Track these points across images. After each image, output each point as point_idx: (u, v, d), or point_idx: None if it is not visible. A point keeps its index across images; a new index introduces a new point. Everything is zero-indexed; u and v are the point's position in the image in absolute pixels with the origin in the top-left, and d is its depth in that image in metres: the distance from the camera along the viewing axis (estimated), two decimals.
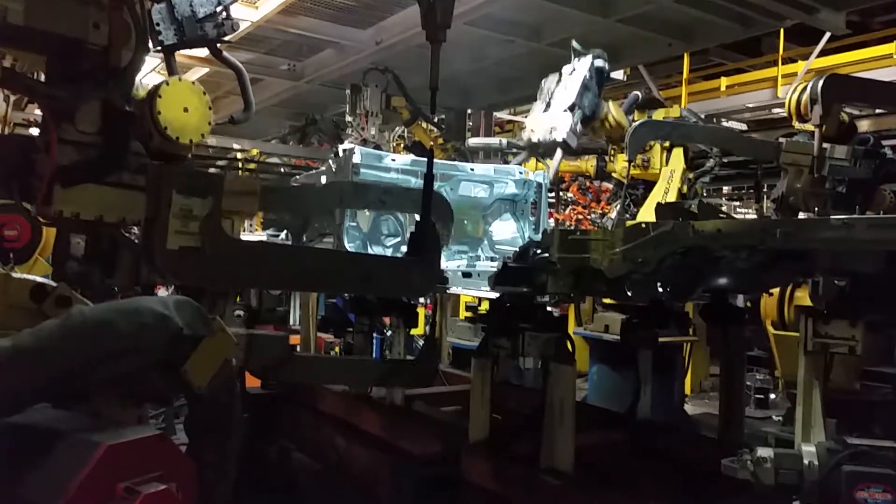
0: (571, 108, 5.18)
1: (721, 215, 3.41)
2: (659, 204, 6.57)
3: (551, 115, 5.18)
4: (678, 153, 7.06)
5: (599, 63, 5.32)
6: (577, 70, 5.28)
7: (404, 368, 3.58)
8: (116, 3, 2.12)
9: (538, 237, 4.60)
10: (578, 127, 5.23)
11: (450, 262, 5.05)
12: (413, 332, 6.89)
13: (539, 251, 3.29)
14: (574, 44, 5.37)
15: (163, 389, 2.42)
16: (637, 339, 4.03)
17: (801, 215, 4.74)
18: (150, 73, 9.04)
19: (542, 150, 5.35)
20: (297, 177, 5.19)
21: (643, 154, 7.28)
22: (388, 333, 5.74)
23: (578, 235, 3.08)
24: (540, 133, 5.15)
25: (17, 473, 1.98)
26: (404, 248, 4.30)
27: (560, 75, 5.33)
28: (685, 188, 6.87)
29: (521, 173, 5.52)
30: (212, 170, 10.83)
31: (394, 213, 5.01)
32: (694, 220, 2.83)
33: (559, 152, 5.24)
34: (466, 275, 4.77)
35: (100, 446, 1.95)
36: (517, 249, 3.59)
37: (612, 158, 7.19)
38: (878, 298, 2.52)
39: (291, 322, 8.35)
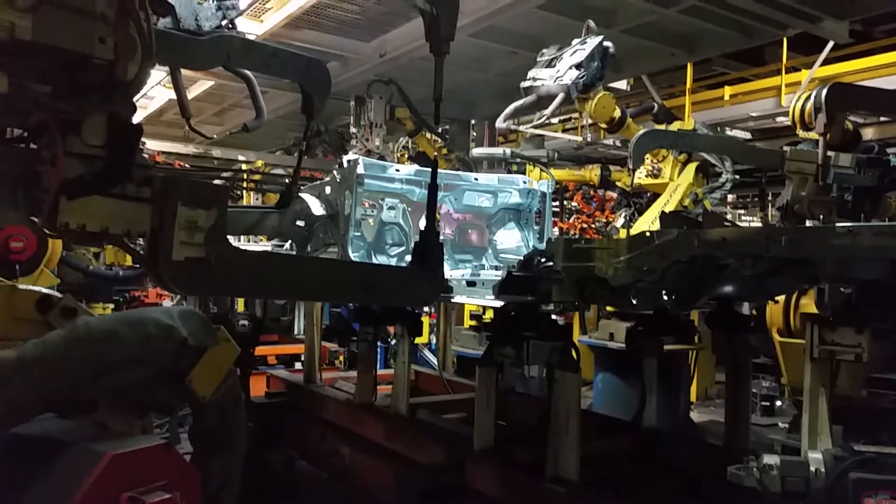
0: (578, 66, 5.24)
1: (726, 223, 3.40)
2: (663, 213, 6.57)
3: (557, 69, 5.25)
4: (691, 168, 7.08)
5: (608, 44, 5.37)
6: (589, 42, 5.33)
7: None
8: (122, 18, 2.13)
9: (542, 246, 4.60)
10: (580, 86, 5.29)
11: (454, 271, 5.05)
12: (417, 340, 6.89)
13: (543, 260, 3.29)
14: (591, 23, 5.41)
15: (167, 399, 2.43)
16: (642, 347, 4.01)
17: (807, 223, 4.73)
18: (155, 85, 9.15)
19: (542, 97, 5.40)
20: (304, 187, 5.20)
21: (656, 162, 7.29)
22: (393, 342, 5.72)
23: (583, 244, 3.07)
24: (543, 83, 5.23)
25: (23, 483, 1.99)
26: (408, 258, 4.29)
27: (564, 46, 5.38)
28: (689, 203, 6.86)
29: (524, 182, 5.52)
30: (216, 181, 10.87)
31: (397, 223, 5.02)
32: (698, 228, 2.83)
33: (560, 96, 5.28)
34: (471, 283, 4.76)
35: (104, 456, 1.96)
36: (521, 258, 3.59)
37: (629, 171, 7.23)
38: (884, 306, 2.51)
39: (296, 331, 8.38)
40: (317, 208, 4.78)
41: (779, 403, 8.10)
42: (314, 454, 4.95)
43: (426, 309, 6.90)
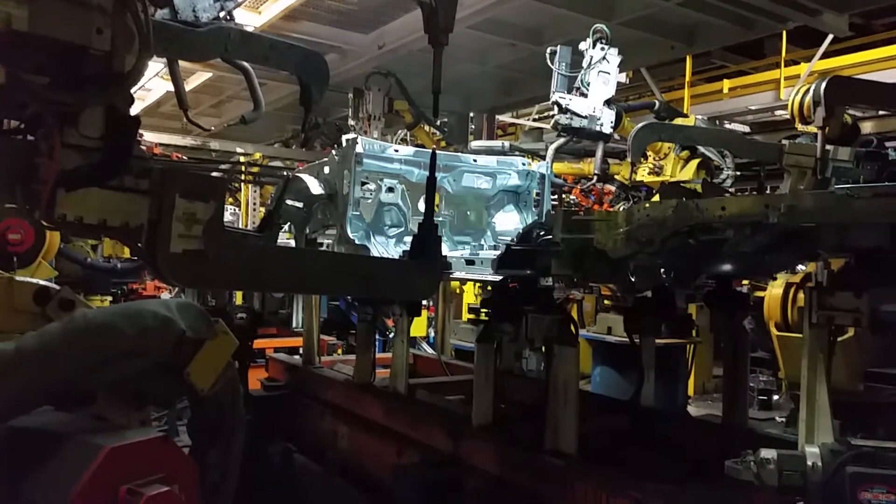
0: (608, 103, 5.27)
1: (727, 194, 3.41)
2: (663, 184, 6.59)
3: (591, 103, 5.24)
4: (692, 166, 7.08)
5: (620, 57, 5.38)
6: (612, 63, 5.30)
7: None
8: (120, 9, 2.12)
9: None
10: (614, 123, 5.43)
11: (452, 252, 5.05)
12: (414, 333, 6.90)
13: (542, 233, 3.27)
14: (606, 29, 5.37)
15: (165, 392, 2.43)
16: (640, 325, 3.98)
17: None
18: (153, 77, 9.12)
19: (584, 136, 5.51)
20: (300, 167, 5.20)
21: (658, 159, 7.31)
22: (391, 336, 5.72)
23: (582, 216, 3.04)
24: (582, 119, 5.24)
25: (21, 476, 1.99)
26: (407, 239, 4.28)
27: (585, 56, 5.32)
28: None
29: (524, 164, 5.51)
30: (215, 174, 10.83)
31: (396, 204, 5.02)
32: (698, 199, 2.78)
33: (601, 145, 5.41)
34: (469, 262, 4.76)
35: (102, 449, 1.96)
36: (520, 231, 3.56)
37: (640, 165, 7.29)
38: (883, 272, 2.46)
39: (294, 324, 8.38)
40: (315, 188, 4.77)
41: (776, 397, 8.12)
42: (312, 439, 4.94)
43: (423, 302, 6.91)
